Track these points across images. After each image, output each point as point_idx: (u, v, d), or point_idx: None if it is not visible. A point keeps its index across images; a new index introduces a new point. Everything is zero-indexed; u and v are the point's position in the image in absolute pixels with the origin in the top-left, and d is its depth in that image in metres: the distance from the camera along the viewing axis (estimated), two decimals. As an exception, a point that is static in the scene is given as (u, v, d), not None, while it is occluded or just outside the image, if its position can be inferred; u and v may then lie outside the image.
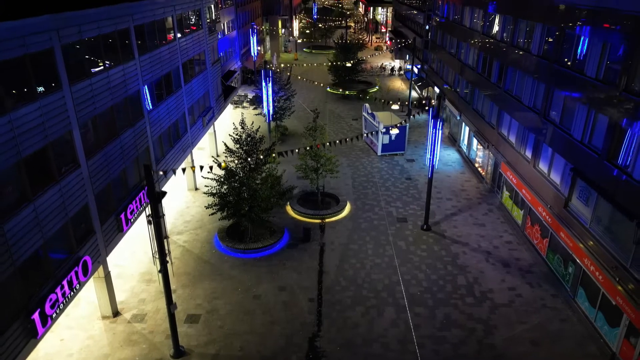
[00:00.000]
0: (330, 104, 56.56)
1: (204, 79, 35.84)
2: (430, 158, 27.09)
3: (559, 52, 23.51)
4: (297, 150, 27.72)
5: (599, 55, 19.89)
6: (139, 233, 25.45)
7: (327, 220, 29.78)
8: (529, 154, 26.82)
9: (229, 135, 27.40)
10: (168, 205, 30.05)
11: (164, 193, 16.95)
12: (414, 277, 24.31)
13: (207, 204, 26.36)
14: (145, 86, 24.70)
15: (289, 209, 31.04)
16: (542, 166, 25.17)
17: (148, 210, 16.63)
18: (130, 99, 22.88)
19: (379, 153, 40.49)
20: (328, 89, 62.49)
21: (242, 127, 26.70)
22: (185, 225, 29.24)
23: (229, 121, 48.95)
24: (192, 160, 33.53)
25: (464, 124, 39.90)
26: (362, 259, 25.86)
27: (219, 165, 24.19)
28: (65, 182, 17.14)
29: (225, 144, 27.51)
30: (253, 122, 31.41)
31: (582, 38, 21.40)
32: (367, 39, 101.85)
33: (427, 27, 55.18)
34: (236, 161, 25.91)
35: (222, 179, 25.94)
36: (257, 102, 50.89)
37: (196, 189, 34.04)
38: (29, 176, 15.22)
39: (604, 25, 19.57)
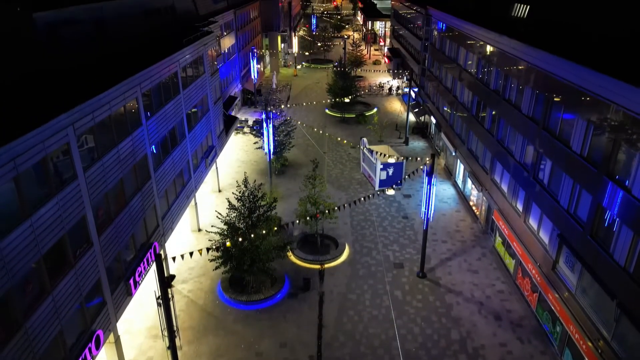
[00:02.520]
0: (329, 128, 57.55)
1: (206, 121, 36.85)
2: (425, 212, 28.19)
3: (547, 119, 24.57)
4: (296, 207, 28.70)
5: (584, 133, 20.96)
6: (145, 284, 26.50)
7: (326, 265, 30.86)
8: (520, 207, 27.92)
9: (232, 193, 28.36)
10: (172, 250, 31.08)
11: (173, 277, 18.02)
12: (409, 332, 25.45)
13: (211, 257, 27.41)
14: (152, 147, 25.74)
15: (289, 253, 32.10)
16: (532, 223, 26.28)
17: (157, 292, 17.70)
18: (138, 165, 23.92)
19: (377, 188, 41.60)
20: (327, 111, 63.56)
21: (245, 185, 27.68)
22: (189, 272, 30.33)
23: (229, 149, 50.13)
24: (196, 204, 34.55)
25: (458, 160, 40.98)
26: (359, 310, 26.99)
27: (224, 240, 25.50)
28: (79, 265, 18.21)
29: (228, 201, 28.47)
30: (253, 144, 32.32)
31: (568, 112, 22.46)
32: (366, 51, 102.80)
33: (424, 53, 56.13)
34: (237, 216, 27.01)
35: (225, 233, 27.04)
36: (257, 129, 51.94)
37: (199, 229, 35.11)
38: (47, 269, 16.29)
39: (587, 107, 20.62)
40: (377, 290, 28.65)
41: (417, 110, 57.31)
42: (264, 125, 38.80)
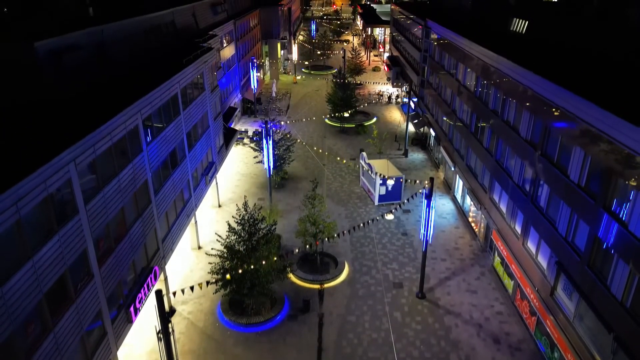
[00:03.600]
0: (328, 140, 57.71)
1: (207, 138, 36.98)
2: (424, 234, 28.33)
3: (545, 144, 24.72)
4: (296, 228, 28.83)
5: (582, 163, 21.10)
6: (145, 306, 26.61)
7: (325, 285, 31.00)
8: (518, 229, 28.06)
9: (232, 217, 28.48)
10: (172, 269, 31.20)
11: (174, 311, 18.16)
12: (409, 355, 25.59)
13: (211, 280, 27.48)
14: (153, 171, 25.87)
15: (289, 274, 32.15)
16: (531, 246, 26.42)
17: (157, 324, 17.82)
18: (139, 191, 24.06)
19: (376, 203, 41.75)
20: (326, 120, 63.70)
21: (245, 209, 27.79)
22: (189, 292, 30.36)
23: (229, 161, 50.16)
24: (196, 222, 34.67)
25: (457, 176, 41.12)
26: (359, 333, 27.14)
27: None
28: (80, 299, 18.35)
29: (228, 224, 28.55)
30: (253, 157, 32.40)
31: (566, 140, 22.59)
32: (365, 57, 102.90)
33: (423, 65, 56.26)
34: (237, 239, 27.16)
35: (225, 255, 27.17)
36: (257, 140, 52.02)
37: (199, 247, 35.24)
38: (49, 307, 16.42)
39: (586, 137, 20.76)
40: (376, 312, 28.78)
41: (416, 121, 57.43)
42: (264, 141, 38.82)
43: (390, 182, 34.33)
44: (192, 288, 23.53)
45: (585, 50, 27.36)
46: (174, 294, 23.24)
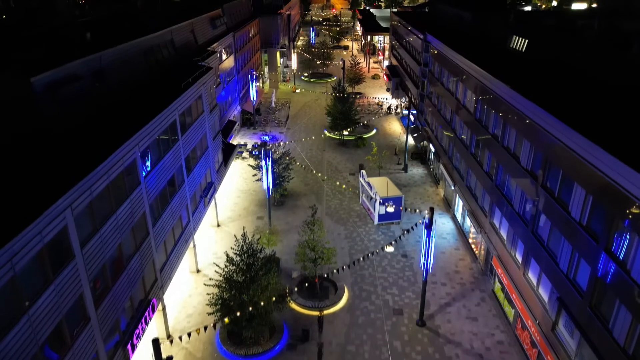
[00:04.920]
0: (327, 153, 57.52)
1: (205, 159, 36.75)
2: (424, 263, 28.14)
3: (546, 176, 24.50)
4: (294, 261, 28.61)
5: (583, 201, 20.88)
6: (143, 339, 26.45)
7: (325, 312, 30.80)
8: (519, 258, 27.85)
9: (231, 248, 28.25)
10: (169, 295, 30.95)
11: (171, 358, 17.97)
12: (408, 388, 25.41)
13: (209, 312, 27.31)
14: (151, 202, 25.66)
15: (290, 303, 31.93)
16: (532, 277, 26.22)
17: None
18: (137, 225, 23.85)
19: (376, 222, 41.57)
20: (325, 132, 63.50)
21: (244, 240, 27.55)
22: (187, 320, 30.24)
23: (228, 176, 49.86)
24: (194, 245, 34.46)
25: (457, 195, 40.90)
26: (358, 364, 26.96)
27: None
28: (77, 344, 18.14)
29: (226, 254, 28.31)
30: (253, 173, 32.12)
31: (567, 175, 22.34)
32: (365, 63, 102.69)
33: (422, 79, 56.05)
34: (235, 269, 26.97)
35: (224, 285, 26.96)
36: (256, 154, 51.78)
37: (198, 270, 35.02)
38: (45, 358, 16.21)
39: (587, 177, 20.49)
40: (376, 341, 28.58)
41: (416, 135, 57.25)
42: (263, 162, 38.58)
43: (390, 209, 33.99)
44: (189, 334, 23.37)
45: (587, 74, 27.22)
46: (171, 341, 23.12)
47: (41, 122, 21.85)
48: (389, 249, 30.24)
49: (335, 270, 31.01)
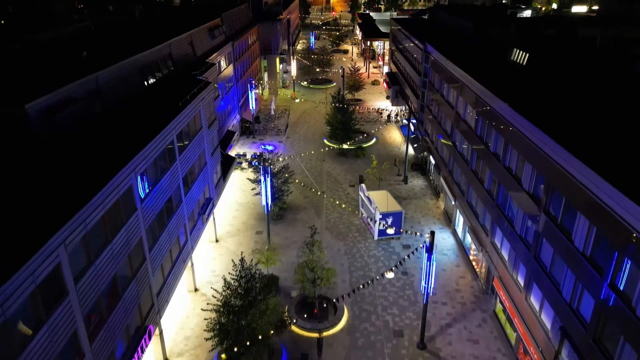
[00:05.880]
0: (327, 163, 57.12)
1: (204, 175, 36.37)
2: (425, 287, 27.78)
3: (549, 201, 24.11)
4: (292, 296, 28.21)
5: (587, 232, 20.50)
6: None
7: (324, 334, 30.42)
8: (521, 281, 27.48)
9: (229, 273, 27.86)
10: (167, 316, 30.54)
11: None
12: (408, 416, 25.05)
13: (207, 337, 26.91)
14: (147, 226, 25.28)
15: (286, 318, 31.64)
16: (534, 302, 25.84)
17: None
18: (133, 252, 23.47)
19: (375, 237, 41.21)
20: (325, 141, 63.17)
21: (242, 265, 27.15)
22: (185, 342, 29.88)
23: (226, 188, 49.38)
24: (192, 264, 34.08)
25: (458, 210, 40.52)
26: (358, 390, 26.59)
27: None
28: (71, 383, 17.78)
29: (224, 279, 27.88)
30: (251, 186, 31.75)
31: (571, 203, 21.96)
32: (365, 69, 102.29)
33: (422, 90, 55.68)
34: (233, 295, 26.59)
35: (221, 310, 26.57)
36: (256, 164, 51.40)
37: (196, 289, 34.64)
38: (37, 402, 15.85)
39: (592, 208, 20.12)
40: (376, 365, 28.26)
41: (416, 145, 56.87)
42: (262, 178, 38.18)
43: (391, 231, 33.51)
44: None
45: (591, 93, 26.87)
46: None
47: (34, 148, 21.47)
48: (389, 275, 29.80)
49: (335, 300, 30.61)
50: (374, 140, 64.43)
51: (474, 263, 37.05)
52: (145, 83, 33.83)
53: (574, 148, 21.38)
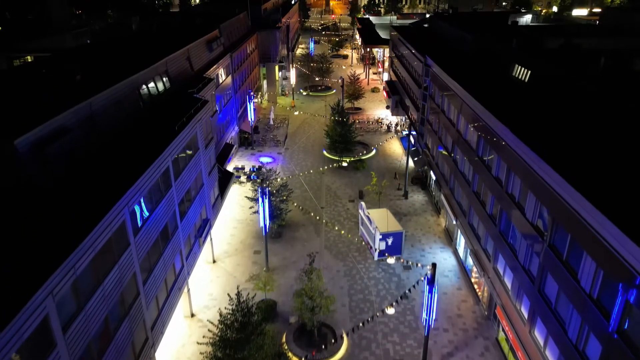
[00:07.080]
0: (326, 176, 56.44)
1: (201, 197, 35.69)
2: (426, 319, 27.12)
3: (553, 236, 23.46)
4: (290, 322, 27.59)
5: (593, 274, 19.86)
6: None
7: (321, 364, 29.81)
8: (525, 313, 26.83)
9: (225, 308, 27.19)
10: (162, 346, 29.87)
11: None
12: None
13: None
14: (141, 260, 24.62)
15: (284, 346, 31.00)
16: (538, 337, 25.19)
17: None
18: (126, 288, 22.81)
19: (376, 258, 40.55)
20: (324, 152, 62.58)
21: (238, 299, 26.48)
22: (181, 373, 29.25)
23: (224, 204, 48.69)
24: (188, 290, 33.42)
25: (459, 230, 39.87)
26: None
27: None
28: None
29: (219, 312, 27.21)
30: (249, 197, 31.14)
31: (576, 241, 21.31)
32: (364, 74, 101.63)
33: (423, 103, 55.02)
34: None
35: (217, 344, 25.94)
36: (254, 178, 50.81)
37: (192, 315, 33.98)
38: None
39: (599, 249, 19.47)
40: (376, 399, 27.61)
41: (416, 158, 56.21)
42: (260, 198, 37.50)
43: (391, 261, 32.94)
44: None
45: (594, 117, 26.27)
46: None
47: (23, 183, 20.78)
48: (390, 311, 29.15)
49: (333, 341, 30.09)
50: (373, 151, 63.79)
51: (475, 286, 36.41)
52: (141, 104, 33.15)
53: (580, 183, 20.71)
